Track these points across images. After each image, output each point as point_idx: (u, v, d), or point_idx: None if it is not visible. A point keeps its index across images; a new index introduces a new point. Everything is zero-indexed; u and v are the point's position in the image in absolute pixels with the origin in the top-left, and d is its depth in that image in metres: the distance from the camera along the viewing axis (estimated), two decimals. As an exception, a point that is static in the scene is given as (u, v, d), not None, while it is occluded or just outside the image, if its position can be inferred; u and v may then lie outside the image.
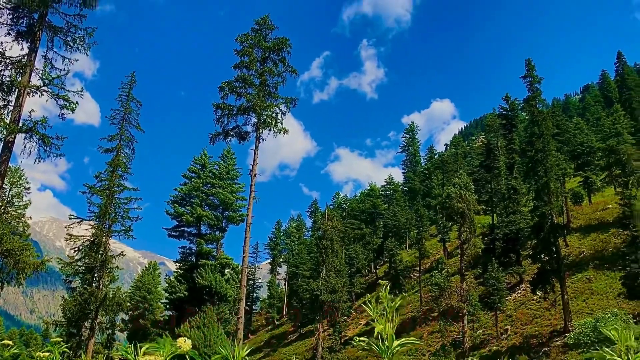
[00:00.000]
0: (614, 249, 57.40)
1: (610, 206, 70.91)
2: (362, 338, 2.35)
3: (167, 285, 72.45)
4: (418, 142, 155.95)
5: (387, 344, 2.27)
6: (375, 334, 2.29)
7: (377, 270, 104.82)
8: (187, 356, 2.55)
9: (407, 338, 2.34)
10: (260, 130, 40.33)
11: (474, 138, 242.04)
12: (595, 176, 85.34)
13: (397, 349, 2.29)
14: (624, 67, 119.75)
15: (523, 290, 61.48)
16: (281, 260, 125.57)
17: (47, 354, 3.38)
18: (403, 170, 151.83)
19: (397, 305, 2.35)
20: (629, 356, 2.13)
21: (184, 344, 2.49)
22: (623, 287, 44.35)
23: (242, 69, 40.81)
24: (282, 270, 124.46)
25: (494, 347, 52.82)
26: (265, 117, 40.36)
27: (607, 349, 2.17)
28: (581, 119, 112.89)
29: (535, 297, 56.78)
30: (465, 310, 50.74)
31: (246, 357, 2.63)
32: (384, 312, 2.34)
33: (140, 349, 2.53)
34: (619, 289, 47.67)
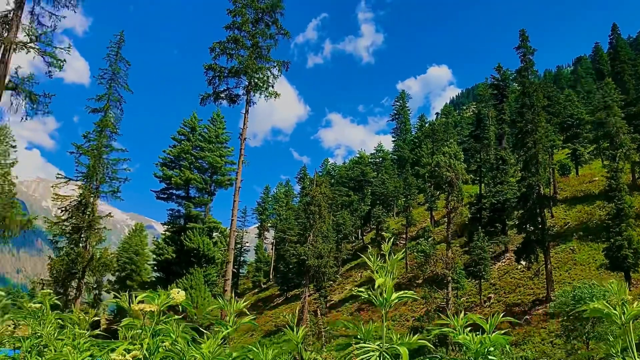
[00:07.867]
0: (598, 221, 58.18)
1: (597, 179, 71.70)
2: (361, 289, 2.34)
3: (154, 247, 72.29)
4: (409, 110, 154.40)
5: (385, 296, 2.26)
6: (376, 286, 2.27)
7: (364, 237, 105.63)
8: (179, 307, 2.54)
9: (405, 292, 2.33)
10: (251, 94, 40.02)
11: (465, 107, 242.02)
12: (584, 148, 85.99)
13: (394, 301, 2.28)
14: (618, 39, 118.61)
15: (507, 259, 62.41)
16: (269, 225, 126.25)
17: (38, 305, 3.34)
18: (393, 139, 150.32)
19: (398, 259, 2.34)
20: (625, 309, 2.14)
21: (178, 295, 2.48)
22: (605, 258, 45.10)
23: (234, 30, 40.18)
24: (270, 235, 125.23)
25: (477, 315, 53.70)
26: (256, 80, 39.94)
27: (603, 302, 2.19)
28: (572, 90, 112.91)
29: (519, 267, 57.69)
30: (449, 278, 51.32)
31: (245, 310, 2.63)
32: (384, 266, 2.32)
33: (135, 298, 2.51)
34: (601, 260, 48.49)
